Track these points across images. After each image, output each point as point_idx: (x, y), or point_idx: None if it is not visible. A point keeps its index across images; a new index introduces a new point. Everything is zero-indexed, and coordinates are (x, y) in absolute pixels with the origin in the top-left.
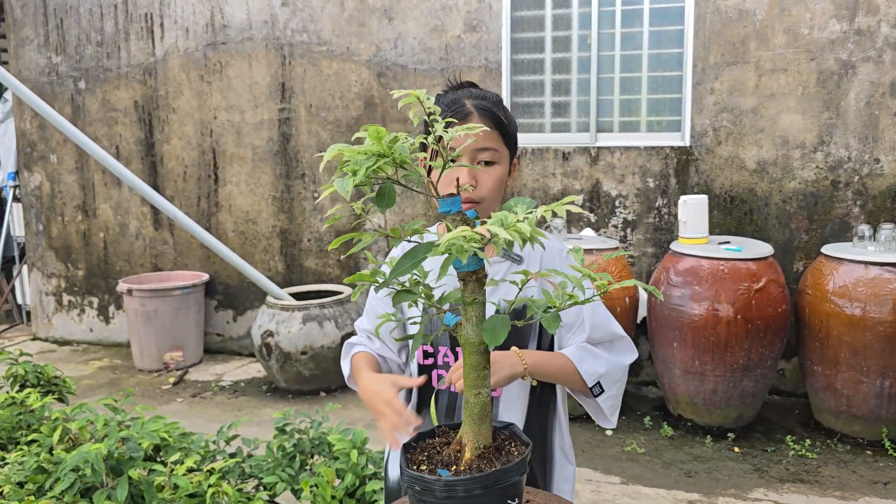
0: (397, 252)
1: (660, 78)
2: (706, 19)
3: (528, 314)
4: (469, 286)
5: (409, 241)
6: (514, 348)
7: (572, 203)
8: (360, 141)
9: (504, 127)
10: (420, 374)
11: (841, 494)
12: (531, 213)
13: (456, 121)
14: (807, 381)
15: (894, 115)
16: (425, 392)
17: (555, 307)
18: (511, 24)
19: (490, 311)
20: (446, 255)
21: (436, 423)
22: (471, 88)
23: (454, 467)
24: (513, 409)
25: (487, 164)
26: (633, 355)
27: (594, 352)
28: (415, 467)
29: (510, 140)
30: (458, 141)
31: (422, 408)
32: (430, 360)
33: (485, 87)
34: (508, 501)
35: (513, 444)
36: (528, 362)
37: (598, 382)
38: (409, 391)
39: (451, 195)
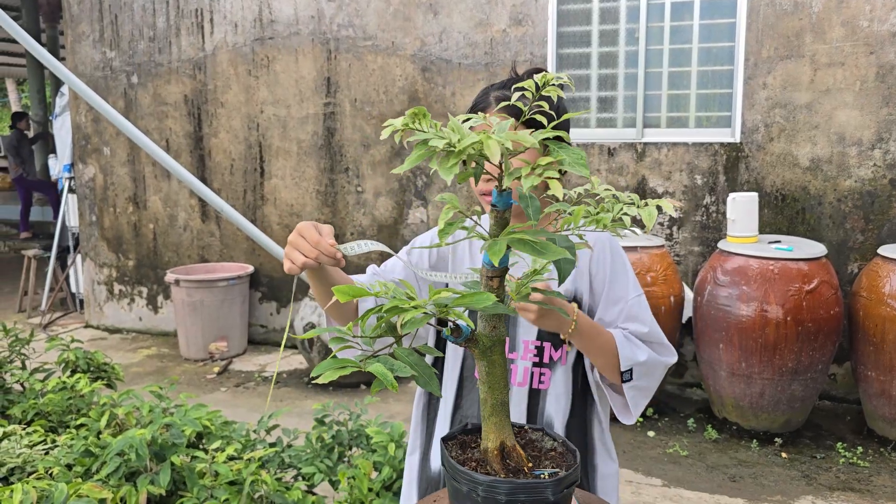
0: (426, 238)
1: (710, 72)
2: (759, 12)
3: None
4: (500, 283)
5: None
6: (574, 304)
7: (666, 203)
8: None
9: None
10: (466, 361)
11: None
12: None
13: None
14: (860, 386)
15: None
16: (467, 379)
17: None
18: (557, 17)
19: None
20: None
21: None
22: (529, 76)
23: (525, 468)
24: (560, 403)
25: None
26: (672, 357)
27: (638, 342)
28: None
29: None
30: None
31: (460, 396)
32: None
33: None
34: None
35: (527, 436)
36: (578, 324)
37: (631, 369)
38: (456, 382)
39: (506, 189)
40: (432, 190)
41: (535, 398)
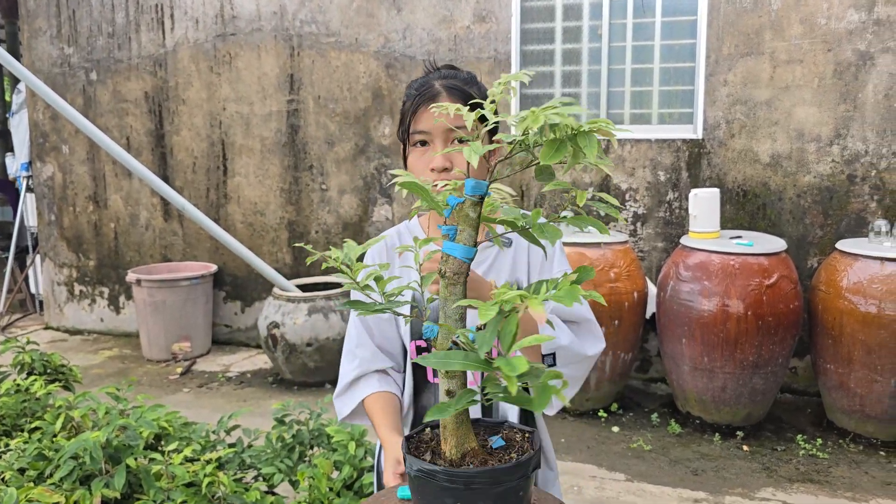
0: (374, 254)
1: (672, 69)
2: (720, 9)
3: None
4: (457, 281)
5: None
6: (492, 281)
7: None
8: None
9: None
10: (416, 368)
11: (852, 496)
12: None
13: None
14: (819, 379)
15: None
16: (420, 384)
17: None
18: (521, 14)
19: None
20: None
21: None
22: (447, 70)
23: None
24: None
25: (463, 142)
26: (599, 345)
27: (562, 326)
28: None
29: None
30: (428, 124)
31: (417, 401)
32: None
33: (495, 79)
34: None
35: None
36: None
37: (553, 354)
38: (412, 381)
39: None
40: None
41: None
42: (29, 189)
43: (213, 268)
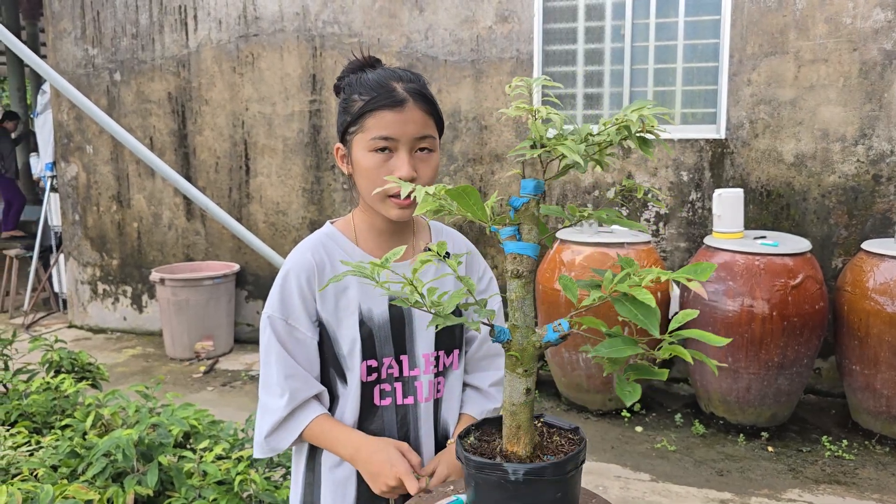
0: (299, 273)
1: (695, 69)
2: (744, 9)
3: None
4: (531, 279)
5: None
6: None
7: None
8: None
9: (438, 111)
10: (363, 392)
11: (879, 497)
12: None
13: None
14: (844, 380)
15: None
16: (366, 409)
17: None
18: (543, 14)
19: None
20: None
21: None
22: (399, 70)
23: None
24: (453, 409)
25: (424, 151)
26: None
27: (489, 392)
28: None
29: (441, 124)
30: (395, 130)
31: (362, 427)
32: (374, 376)
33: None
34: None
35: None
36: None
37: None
38: (359, 407)
39: (535, 179)
40: None
41: (437, 409)
42: (53, 189)
43: (236, 267)
